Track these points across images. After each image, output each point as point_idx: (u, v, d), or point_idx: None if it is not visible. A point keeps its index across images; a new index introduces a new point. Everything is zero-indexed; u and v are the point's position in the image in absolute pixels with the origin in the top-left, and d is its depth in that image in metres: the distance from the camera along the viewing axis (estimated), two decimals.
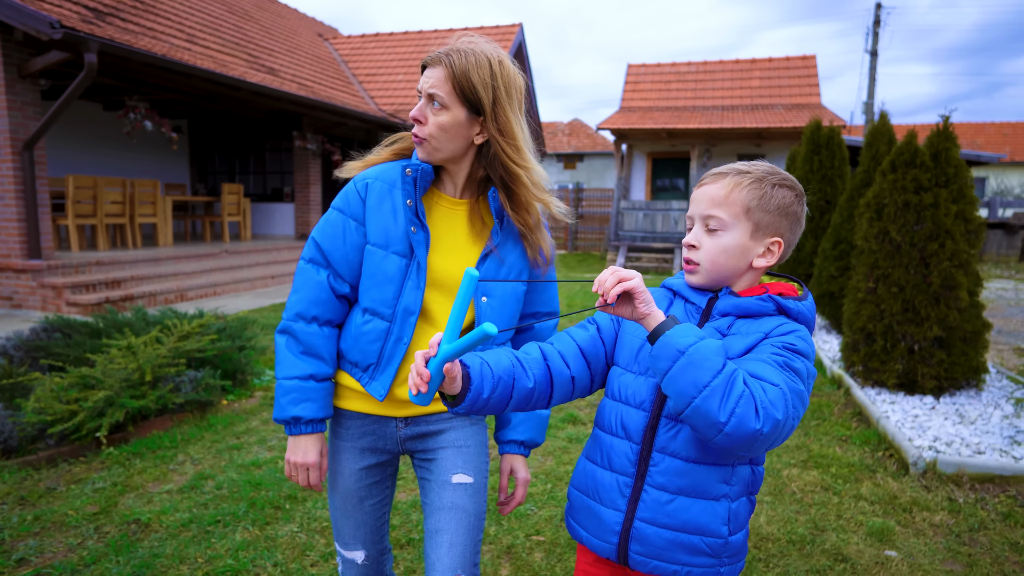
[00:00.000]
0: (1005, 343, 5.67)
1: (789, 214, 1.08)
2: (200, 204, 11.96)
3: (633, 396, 1.10)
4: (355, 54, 16.02)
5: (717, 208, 1.07)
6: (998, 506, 2.64)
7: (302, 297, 1.30)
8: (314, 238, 1.32)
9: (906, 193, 3.99)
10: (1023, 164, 23.42)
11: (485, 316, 1.29)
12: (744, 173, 1.08)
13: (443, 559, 1.24)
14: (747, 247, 1.07)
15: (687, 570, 1.06)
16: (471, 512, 1.30)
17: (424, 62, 1.24)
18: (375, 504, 1.40)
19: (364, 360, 1.30)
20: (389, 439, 1.37)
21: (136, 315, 4.49)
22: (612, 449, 1.11)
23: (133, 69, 7.28)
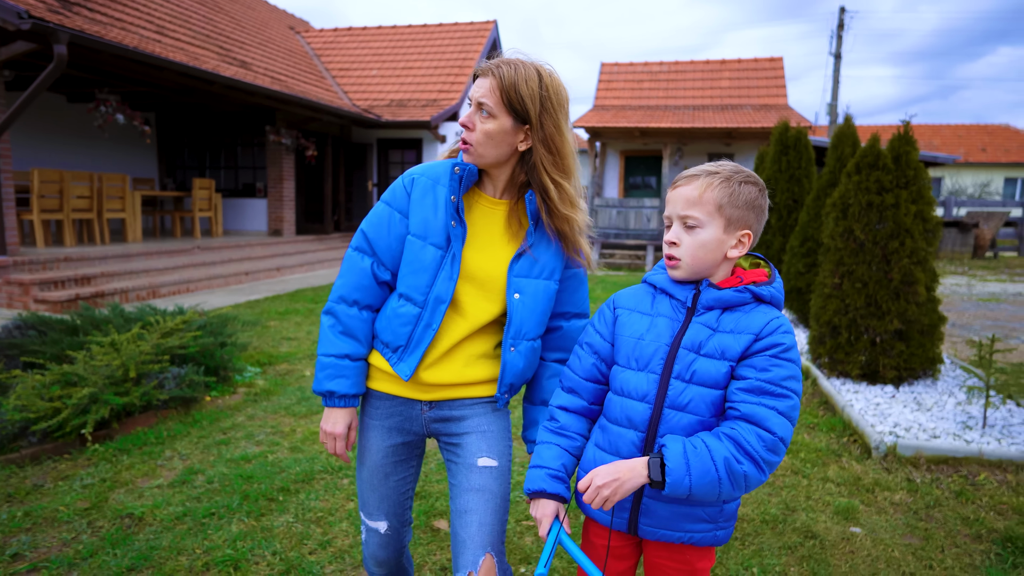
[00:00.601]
0: (959, 335, 5.99)
1: (755, 207, 1.21)
2: (170, 199, 11.73)
3: (635, 390, 1.22)
4: (328, 48, 15.85)
5: (693, 208, 1.19)
6: (951, 485, 2.84)
7: (346, 282, 1.41)
8: (362, 229, 1.42)
9: (869, 194, 4.20)
10: (976, 165, 24.43)
11: (517, 312, 1.37)
12: (714, 174, 1.20)
13: (474, 537, 1.32)
14: (722, 240, 1.19)
15: (689, 535, 1.21)
16: (497, 494, 1.38)
17: (476, 72, 1.33)
18: (399, 480, 1.49)
19: (394, 341, 1.38)
20: (415, 421, 1.45)
21: (113, 312, 4.44)
22: (619, 438, 1.22)
23: (103, 61, 7.13)
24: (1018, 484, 2.83)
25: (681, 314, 1.22)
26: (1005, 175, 24.45)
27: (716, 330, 1.18)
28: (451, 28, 15.84)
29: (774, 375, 1.11)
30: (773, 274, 1.24)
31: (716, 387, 1.15)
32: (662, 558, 1.26)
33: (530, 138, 1.32)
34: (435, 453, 3.15)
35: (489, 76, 1.28)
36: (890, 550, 2.32)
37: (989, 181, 24.19)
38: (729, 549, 2.32)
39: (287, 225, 11.59)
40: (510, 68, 1.28)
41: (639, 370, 1.22)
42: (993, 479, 2.89)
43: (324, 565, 2.20)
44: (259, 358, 4.86)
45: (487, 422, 1.43)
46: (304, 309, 6.89)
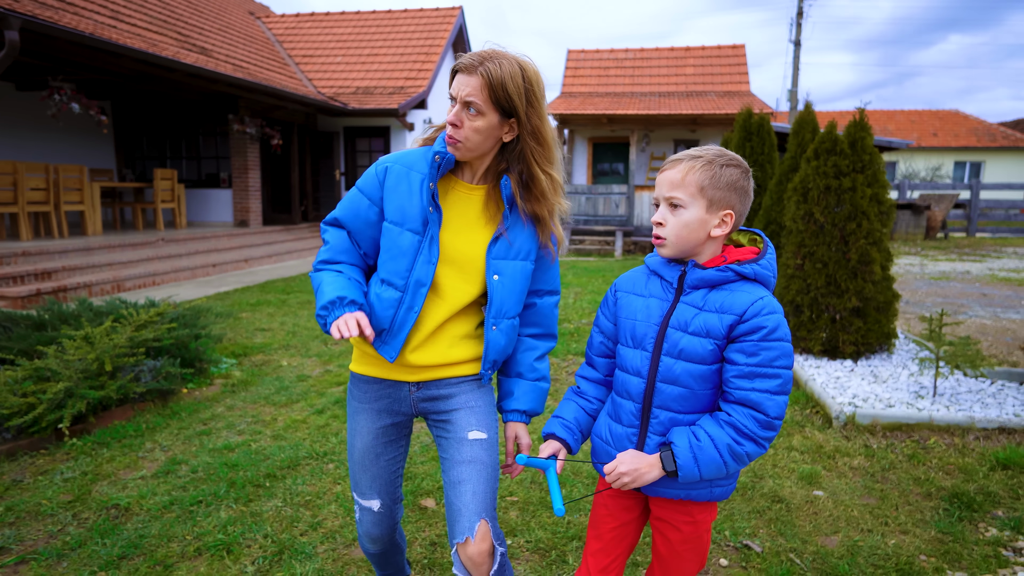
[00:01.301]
0: (912, 312, 6.31)
1: (737, 188, 1.27)
2: (129, 191, 11.40)
3: (631, 365, 1.33)
4: (290, 34, 15.50)
5: (676, 190, 1.27)
6: (904, 449, 3.05)
7: (329, 247, 1.47)
8: (335, 213, 1.49)
9: (827, 178, 4.39)
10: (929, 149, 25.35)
11: (497, 293, 1.44)
12: (697, 158, 1.27)
13: (468, 505, 1.40)
14: (705, 220, 1.27)
15: (686, 492, 1.32)
16: (488, 464, 1.46)
17: (456, 67, 1.34)
18: (390, 460, 1.55)
19: (378, 325, 1.43)
20: (403, 402, 1.51)
21: (81, 306, 4.36)
22: (621, 408, 1.35)
23: (58, 48, 6.89)
24: (964, 446, 3.05)
25: (670, 294, 1.32)
26: (955, 159, 25.46)
27: (702, 309, 1.27)
28: (416, 14, 15.66)
29: (763, 358, 1.20)
30: (763, 251, 1.30)
31: (703, 363, 1.25)
32: (665, 511, 1.37)
33: (515, 130, 1.38)
34: (418, 436, 3.22)
35: (475, 75, 1.30)
36: (850, 510, 2.49)
37: (940, 165, 25.15)
38: None
39: (254, 216, 11.39)
40: (495, 65, 1.30)
41: (634, 348, 1.33)
42: (942, 442, 3.10)
43: (316, 545, 2.26)
44: (234, 349, 4.83)
45: (474, 398, 1.50)
46: (276, 300, 6.83)
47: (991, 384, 3.81)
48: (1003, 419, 3.20)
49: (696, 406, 1.28)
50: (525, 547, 2.26)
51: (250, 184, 11.26)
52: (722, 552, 2.23)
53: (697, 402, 1.28)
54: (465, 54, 1.35)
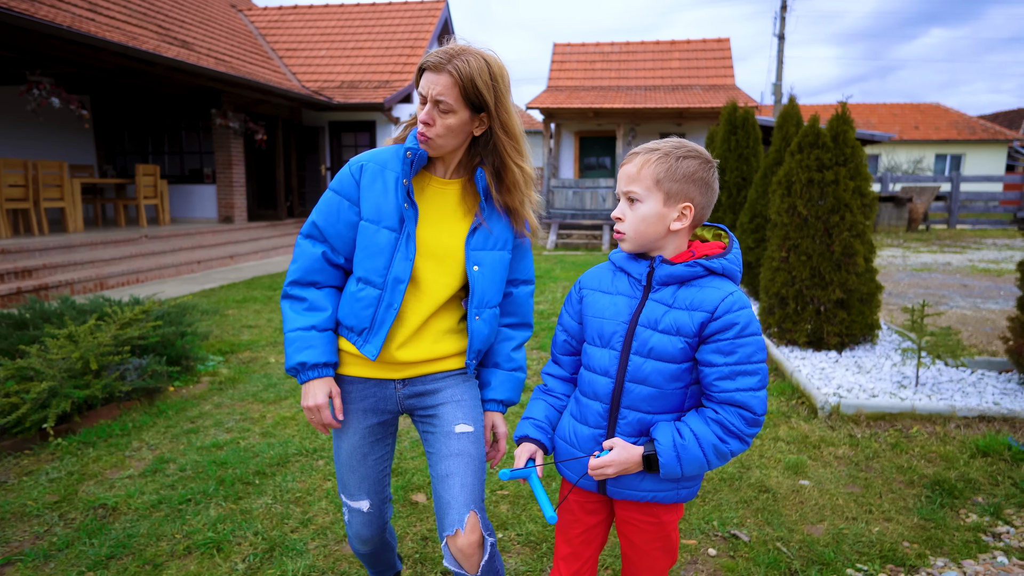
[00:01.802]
0: (895, 303, 6.40)
1: (696, 180, 1.24)
2: (111, 187, 11.23)
3: (598, 365, 1.31)
4: (273, 27, 15.32)
5: (633, 184, 1.25)
6: (888, 438, 3.10)
7: (300, 267, 1.45)
8: (312, 218, 1.46)
9: (810, 171, 4.44)
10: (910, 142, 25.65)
11: (479, 283, 1.45)
12: (653, 150, 1.25)
13: (457, 498, 1.41)
14: (662, 213, 1.25)
15: (653, 495, 1.31)
16: (475, 456, 1.47)
17: (423, 65, 1.34)
18: (377, 459, 1.55)
19: (358, 324, 1.43)
20: (389, 400, 1.51)
21: (64, 304, 4.30)
22: (587, 409, 1.32)
23: (34, 41, 6.75)
24: (945, 435, 3.11)
25: (638, 291, 1.30)
26: (936, 151, 25.79)
27: (671, 306, 1.25)
28: (401, 7, 15.54)
29: (740, 355, 1.19)
30: (730, 245, 1.29)
31: (673, 361, 1.24)
32: (629, 512, 1.36)
33: (485, 124, 1.38)
34: (407, 432, 3.22)
35: (444, 73, 1.30)
36: (835, 499, 2.54)
37: (922, 157, 25.47)
38: (691, 506, 2.49)
39: (239, 211, 11.28)
40: (463, 62, 1.30)
41: (602, 347, 1.30)
42: (924, 431, 3.16)
43: (307, 541, 2.26)
44: (220, 347, 4.80)
45: (460, 392, 1.51)
46: (262, 296, 6.78)
47: (971, 373, 3.89)
48: (983, 407, 3.26)
49: (665, 406, 1.26)
50: (516, 540, 2.27)
51: (234, 180, 11.14)
52: (710, 542, 2.26)
53: (666, 402, 1.26)
54: (431, 51, 1.34)
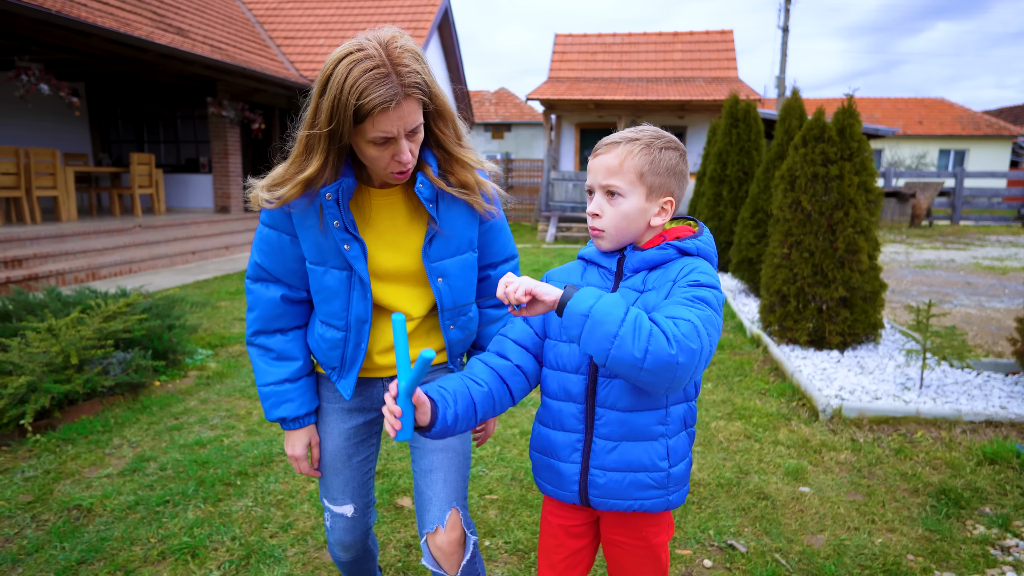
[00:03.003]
0: (898, 301, 6.30)
1: (676, 173, 1.17)
2: (106, 176, 11.12)
3: (569, 362, 1.20)
4: (271, 15, 15.13)
5: (614, 177, 1.15)
6: (891, 443, 3.01)
7: (260, 315, 1.34)
8: (255, 260, 1.32)
9: (815, 166, 4.32)
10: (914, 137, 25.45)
11: (446, 295, 1.34)
12: (634, 140, 1.15)
13: (439, 494, 1.34)
14: (644, 208, 1.16)
15: (639, 503, 1.20)
16: (460, 452, 1.39)
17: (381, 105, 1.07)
18: (361, 461, 1.47)
19: (328, 363, 1.37)
20: (375, 398, 1.43)
21: (49, 295, 4.20)
22: (560, 412, 1.21)
23: (22, 25, 6.61)
24: (951, 440, 3.02)
25: (609, 281, 1.21)
26: (940, 147, 25.59)
27: (643, 291, 1.16)
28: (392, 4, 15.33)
29: (691, 295, 1.07)
30: (700, 229, 1.21)
31: None
32: (617, 534, 1.26)
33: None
34: None
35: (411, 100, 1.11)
36: (836, 507, 2.44)
37: (925, 153, 25.28)
38: (686, 513, 2.40)
39: (235, 201, 11.16)
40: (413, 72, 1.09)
41: (570, 341, 1.19)
42: (929, 436, 3.07)
43: (286, 548, 2.17)
44: (210, 340, 4.70)
45: None
46: None
47: (977, 375, 3.79)
48: (989, 412, 3.17)
49: (646, 402, 1.16)
50: (503, 548, 2.18)
51: (231, 169, 11.01)
52: (706, 552, 2.17)
53: (642, 401, 1.16)
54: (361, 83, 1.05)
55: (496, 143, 25.94)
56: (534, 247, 11.17)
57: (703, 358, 1.01)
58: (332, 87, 1.06)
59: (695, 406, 1.26)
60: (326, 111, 1.08)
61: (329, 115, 1.08)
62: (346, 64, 1.05)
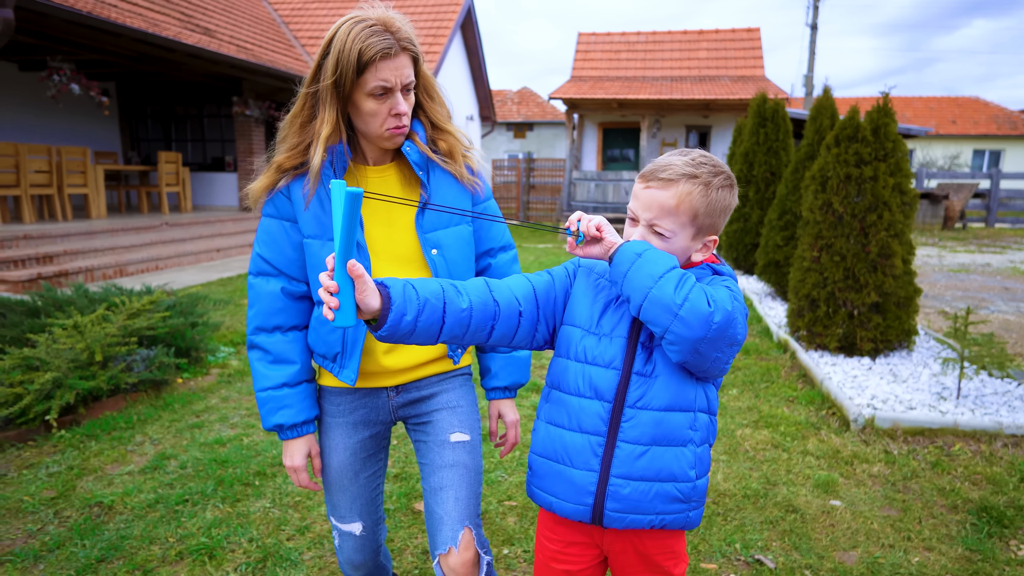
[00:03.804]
0: (931, 307, 6.10)
1: (726, 211, 1.14)
2: (135, 174, 11.31)
3: (600, 357, 1.11)
4: (296, 15, 15.28)
5: (667, 218, 1.09)
6: (927, 456, 2.89)
7: (259, 311, 1.32)
8: (257, 252, 1.33)
9: (848, 166, 4.19)
10: (947, 137, 24.77)
11: (441, 267, 1.31)
12: (692, 179, 1.08)
13: (451, 513, 1.28)
14: (689, 247, 1.13)
15: (661, 519, 1.11)
16: (471, 468, 1.34)
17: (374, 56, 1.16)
18: (369, 476, 1.42)
19: (330, 350, 1.32)
20: (381, 410, 1.39)
21: (77, 292, 4.26)
22: (582, 410, 1.11)
23: (53, 26, 6.73)
24: (991, 454, 2.89)
25: None
26: (974, 147, 24.88)
27: None
28: None
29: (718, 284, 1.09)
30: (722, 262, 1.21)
31: None
32: (634, 568, 1.17)
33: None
34: None
35: (403, 55, 1.20)
36: (869, 522, 2.35)
37: (959, 153, 24.59)
38: (711, 525, 2.33)
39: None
40: (405, 32, 1.20)
41: (605, 335, 1.12)
42: (968, 449, 2.94)
43: (303, 551, 2.15)
44: (232, 337, 4.73)
45: (456, 397, 1.40)
46: None
47: (1018, 386, 3.63)
48: None
49: (681, 400, 1.09)
50: (522, 557, 2.13)
51: (255, 167, 11.13)
52: (732, 567, 2.09)
53: (681, 396, 1.09)
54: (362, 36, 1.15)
55: (518, 142, 25.88)
56: (555, 247, 11.09)
57: (734, 330, 1.02)
58: (335, 45, 1.16)
59: (716, 422, 1.19)
60: (331, 65, 1.16)
61: (333, 67, 1.16)
62: (347, 25, 1.17)
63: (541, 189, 17.24)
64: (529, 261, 9.20)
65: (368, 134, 1.26)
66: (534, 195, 17.15)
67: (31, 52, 8.66)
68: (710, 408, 1.15)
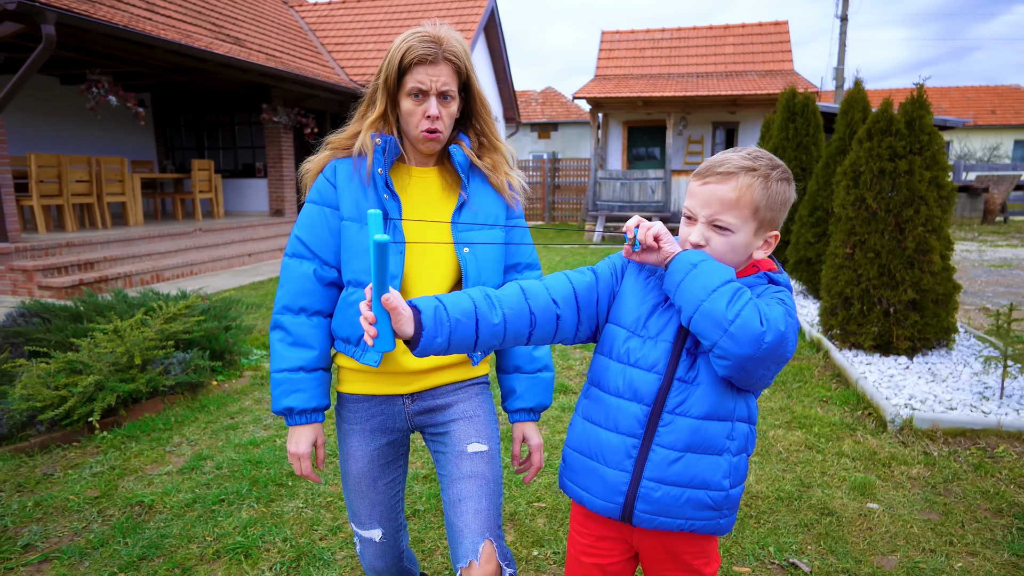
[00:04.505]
0: (971, 303, 5.91)
1: (785, 204, 1.12)
2: (169, 181, 11.64)
3: (643, 360, 1.11)
4: (323, 22, 15.52)
5: (728, 212, 1.07)
6: (969, 458, 2.80)
7: (288, 290, 1.35)
8: (295, 234, 1.36)
9: (881, 160, 4.09)
10: (986, 128, 23.97)
11: (471, 266, 1.33)
12: (751, 171, 1.07)
13: (471, 525, 1.27)
14: (750, 243, 1.10)
15: (691, 523, 1.11)
16: (490, 478, 1.34)
17: (414, 59, 1.25)
18: (388, 483, 1.43)
19: (354, 333, 1.32)
20: (398, 417, 1.40)
21: (117, 297, 4.40)
22: (620, 411, 1.11)
23: (92, 40, 6.97)
24: None
25: None
26: (1015, 137, 24.02)
27: None
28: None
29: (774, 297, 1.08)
30: (779, 267, 1.19)
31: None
32: (665, 567, 1.17)
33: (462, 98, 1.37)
34: None
35: (443, 63, 1.27)
36: (909, 526, 2.28)
37: (999, 144, 23.77)
38: (744, 528, 2.29)
39: (288, 205, 11.49)
40: (452, 46, 1.28)
41: (650, 338, 1.12)
42: (1012, 451, 2.84)
43: (335, 551, 2.18)
44: (264, 340, 4.83)
45: (473, 407, 1.39)
46: None
47: None
48: None
49: (721, 410, 1.08)
50: (552, 559, 2.13)
51: (284, 173, 11.34)
52: (766, 570, 2.06)
53: (721, 405, 1.08)
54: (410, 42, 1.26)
55: (543, 142, 25.86)
56: (581, 247, 11.05)
57: (785, 350, 1.01)
58: (391, 48, 1.30)
59: (755, 432, 1.17)
60: (384, 66, 1.30)
61: (385, 67, 1.29)
62: (406, 33, 1.29)
63: (566, 189, 17.19)
64: (555, 261, 9.17)
65: (407, 134, 1.33)
66: (559, 195, 17.11)
67: (71, 66, 8.97)
68: (750, 417, 1.14)
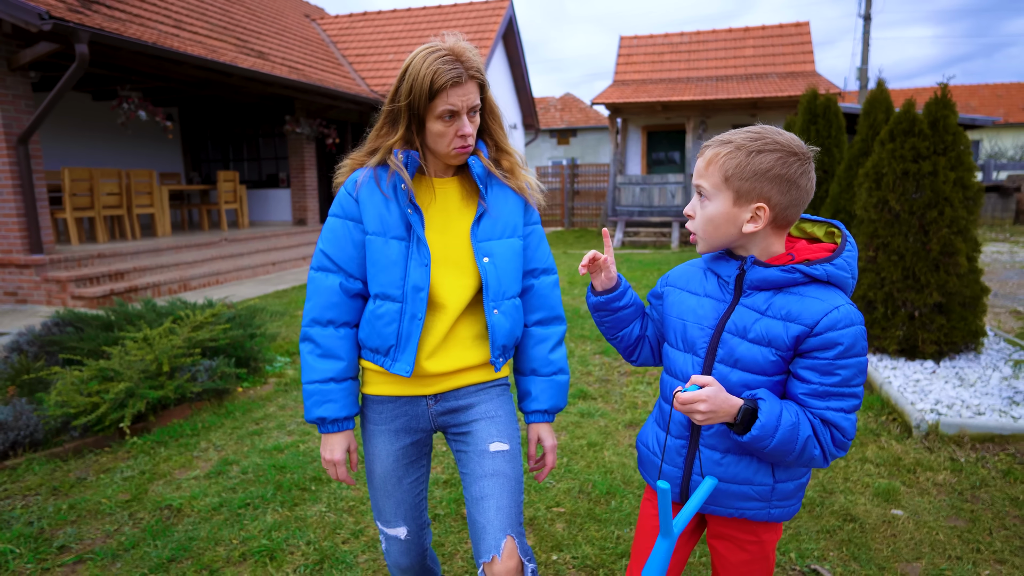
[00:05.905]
0: (1001, 306, 5.77)
1: (772, 177, 1.07)
2: (196, 193, 11.91)
3: (680, 371, 1.22)
4: (344, 34, 15.79)
5: (701, 179, 1.14)
6: (998, 464, 2.74)
7: (315, 303, 1.39)
8: (320, 247, 1.40)
9: (904, 162, 4.03)
10: (1017, 126, 23.38)
11: (492, 275, 1.37)
12: (725, 143, 1.11)
13: (493, 522, 1.31)
14: (732, 214, 1.10)
15: (740, 512, 1.20)
16: (512, 477, 1.37)
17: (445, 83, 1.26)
18: (413, 482, 1.47)
19: (384, 344, 1.36)
20: (421, 417, 1.44)
21: (146, 307, 4.53)
22: (672, 418, 1.23)
23: (123, 58, 7.19)
24: None
25: (728, 295, 1.18)
26: None
27: (764, 314, 1.12)
28: (466, 8, 15.62)
29: (840, 379, 1.07)
30: (841, 247, 1.11)
31: (763, 373, 1.12)
32: (726, 527, 1.26)
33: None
34: None
35: (471, 82, 1.30)
36: (935, 533, 2.25)
37: None
38: None
39: (311, 214, 11.68)
40: (471, 62, 1.29)
41: (685, 351, 1.22)
42: None
43: (357, 555, 2.22)
44: (288, 348, 4.92)
45: (494, 407, 1.43)
46: None
47: None
48: None
49: None
50: (571, 564, 2.14)
51: (307, 183, 11.54)
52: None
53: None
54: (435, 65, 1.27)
55: (562, 149, 25.89)
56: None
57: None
58: (411, 71, 1.28)
59: None
60: (406, 89, 1.29)
61: (407, 91, 1.29)
62: (423, 54, 1.28)
63: (585, 195, 17.17)
64: (575, 267, 9.17)
65: (436, 151, 1.36)
66: (579, 201, 17.10)
67: (102, 83, 9.27)
68: None
